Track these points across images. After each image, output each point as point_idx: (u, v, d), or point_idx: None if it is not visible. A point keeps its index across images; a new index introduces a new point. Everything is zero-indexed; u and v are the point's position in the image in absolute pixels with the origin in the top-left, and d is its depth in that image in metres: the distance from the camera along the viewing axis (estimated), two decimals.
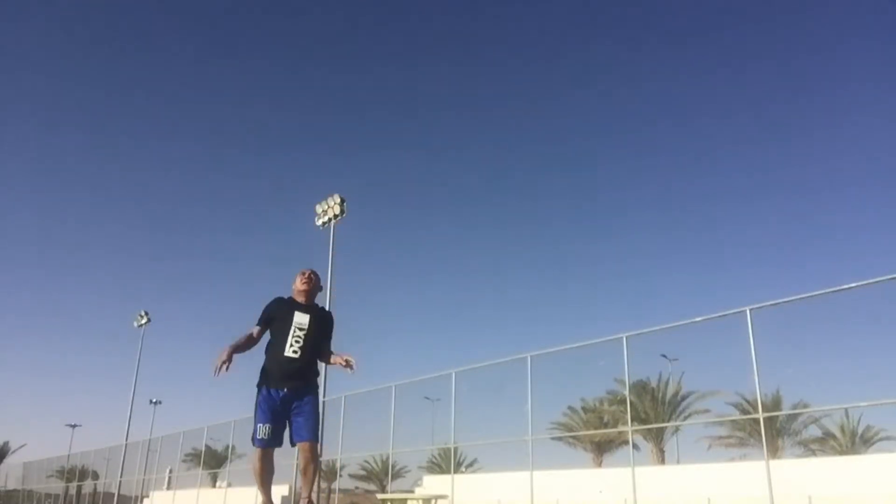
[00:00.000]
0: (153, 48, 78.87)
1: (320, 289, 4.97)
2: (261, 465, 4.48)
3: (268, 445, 4.45)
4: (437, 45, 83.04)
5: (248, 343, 4.61)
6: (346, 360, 4.64)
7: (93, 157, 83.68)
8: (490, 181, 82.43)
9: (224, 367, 4.34)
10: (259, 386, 4.61)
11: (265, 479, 4.54)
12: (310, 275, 4.88)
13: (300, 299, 4.82)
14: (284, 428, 4.55)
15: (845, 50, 60.25)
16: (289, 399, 4.52)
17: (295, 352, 4.58)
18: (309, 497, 4.54)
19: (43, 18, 75.08)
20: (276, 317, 4.72)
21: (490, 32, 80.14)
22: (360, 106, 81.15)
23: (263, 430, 4.43)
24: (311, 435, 4.49)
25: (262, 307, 4.81)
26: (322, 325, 4.78)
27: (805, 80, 64.15)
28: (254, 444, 4.49)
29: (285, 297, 4.86)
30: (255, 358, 4.74)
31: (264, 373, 4.64)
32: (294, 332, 4.61)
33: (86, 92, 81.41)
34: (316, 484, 19.73)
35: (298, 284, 4.84)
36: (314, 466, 4.58)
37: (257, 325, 4.71)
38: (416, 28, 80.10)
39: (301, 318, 4.68)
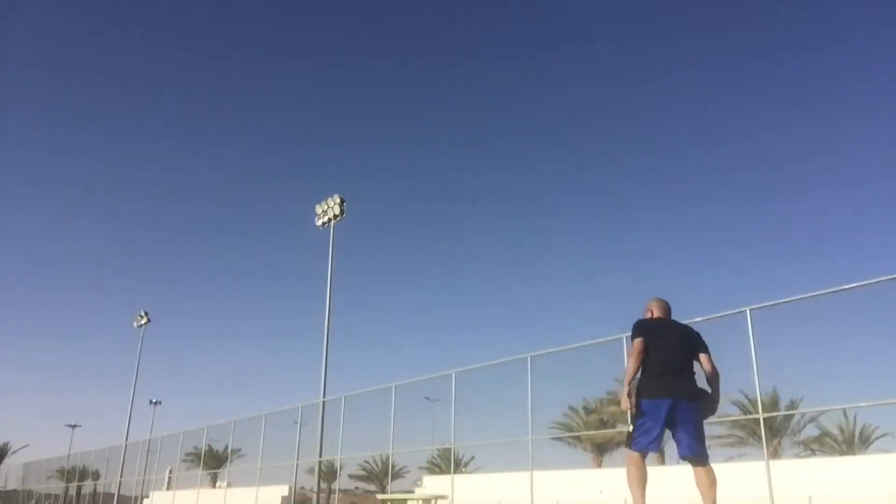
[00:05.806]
0: (154, 47, 78.96)
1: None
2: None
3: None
4: (439, 44, 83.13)
5: None
6: None
7: (92, 156, 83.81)
8: (490, 181, 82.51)
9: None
10: None
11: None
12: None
13: None
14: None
15: (845, 49, 60.32)
16: None
17: None
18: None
19: (43, 15, 75.13)
20: None
21: (492, 31, 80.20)
22: (361, 106, 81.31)
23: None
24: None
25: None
26: None
27: (805, 79, 64.28)
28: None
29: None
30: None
31: None
32: None
33: (86, 90, 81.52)
34: (316, 484, 19.78)
35: None
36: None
37: None
38: (417, 28, 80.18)
39: None
